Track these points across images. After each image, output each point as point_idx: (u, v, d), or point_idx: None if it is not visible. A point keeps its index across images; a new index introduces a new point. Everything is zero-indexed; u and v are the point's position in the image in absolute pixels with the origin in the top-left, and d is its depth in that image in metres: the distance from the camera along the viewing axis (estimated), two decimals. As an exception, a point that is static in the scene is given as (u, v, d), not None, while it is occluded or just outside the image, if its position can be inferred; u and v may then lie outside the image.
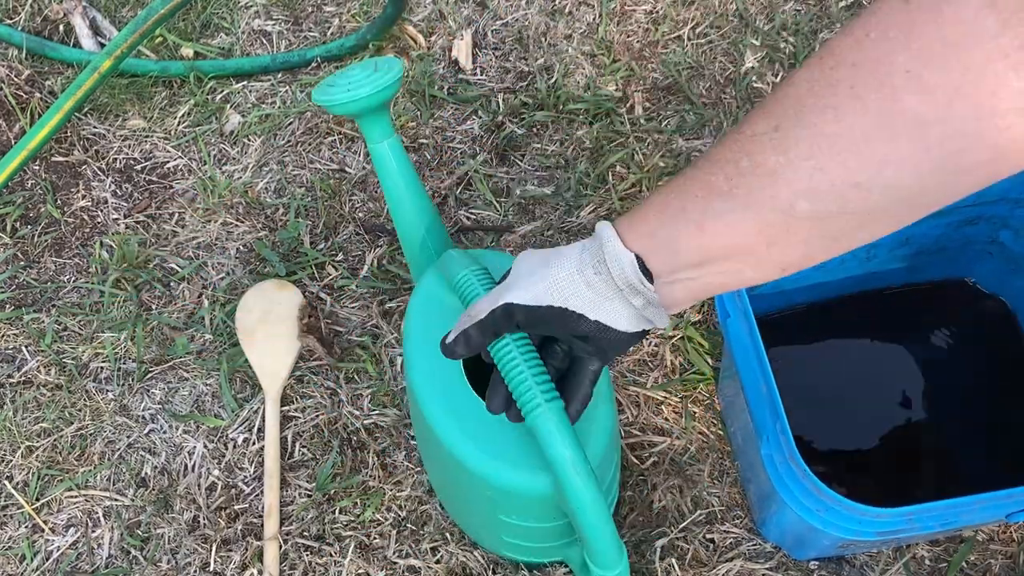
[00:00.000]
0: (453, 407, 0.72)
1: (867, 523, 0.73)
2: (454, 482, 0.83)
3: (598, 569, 0.70)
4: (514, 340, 0.63)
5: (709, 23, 1.30)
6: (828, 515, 0.73)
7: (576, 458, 0.63)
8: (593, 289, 0.56)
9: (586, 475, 0.64)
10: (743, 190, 0.49)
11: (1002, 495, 0.71)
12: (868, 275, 0.98)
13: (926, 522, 0.72)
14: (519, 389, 0.63)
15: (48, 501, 1.01)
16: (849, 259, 0.94)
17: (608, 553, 0.68)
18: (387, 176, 0.76)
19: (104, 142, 1.27)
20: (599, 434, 0.72)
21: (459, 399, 0.72)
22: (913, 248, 0.95)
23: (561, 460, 0.63)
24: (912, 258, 0.97)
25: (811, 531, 0.79)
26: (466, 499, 0.84)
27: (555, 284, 0.58)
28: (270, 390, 1.04)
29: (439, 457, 0.79)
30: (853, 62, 0.44)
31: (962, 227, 0.92)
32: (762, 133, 0.47)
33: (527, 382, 0.62)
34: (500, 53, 1.30)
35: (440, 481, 0.91)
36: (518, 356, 0.63)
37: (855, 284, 1.00)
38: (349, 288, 1.12)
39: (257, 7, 1.39)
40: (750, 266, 0.53)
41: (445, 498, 0.94)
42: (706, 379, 1.01)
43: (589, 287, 0.56)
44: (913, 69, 0.42)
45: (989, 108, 0.41)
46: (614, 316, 0.57)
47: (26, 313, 1.13)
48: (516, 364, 0.62)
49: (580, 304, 0.57)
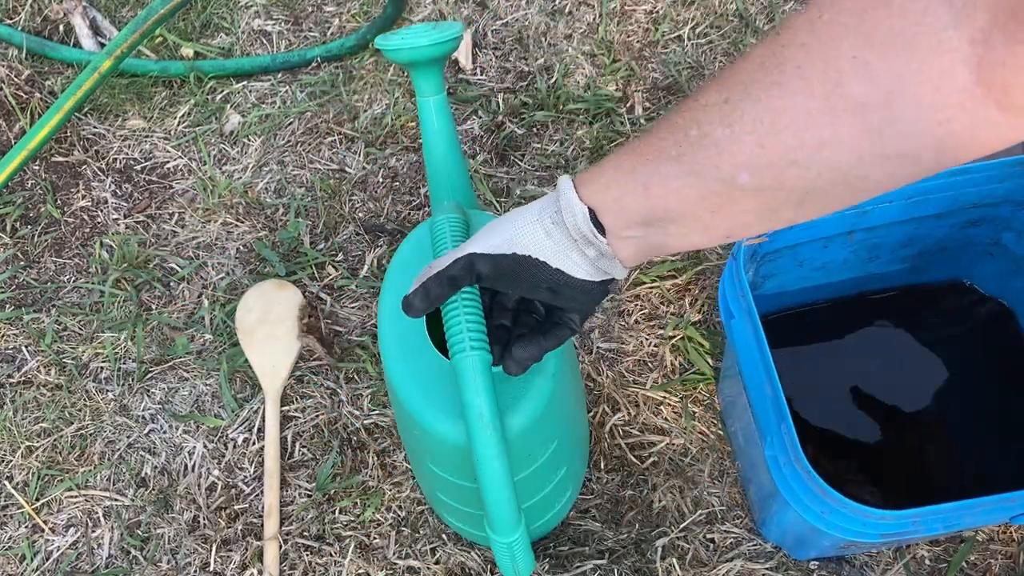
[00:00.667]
0: (407, 345, 0.73)
1: (871, 525, 0.73)
2: (401, 425, 0.84)
3: (492, 533, 0.69)
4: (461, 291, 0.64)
5: (709, 23, 1.30)
6: (832, 517, 0.73)
7: (485, 409, 0.63)
8: (552, 239, 0.58)
9: (491, 428, 0.63)
10: (689, 158, 0.50)
11: (1006, 498, 0.71)
12: (870, 276, 0.98)
13: (930, 524, 0.72)
14: (450, 332, 0.63)
15: (48, 501, 1.01)
16: (852, 259, 0.94)
17: (500, 516, 0.67)
18: (429, 132, 0.78)
19: (104, 142, 1.27)
20: (531, 403, 0.72)
21: (415, 339, 0.73)
22: (915, 249, 0.95)
23: (470, 407, 0.63)
24: (914, 259, 0.97)
25: (813, 532, 0.79)
26: (409, 446, 0.86)
27: (517, 233, 0.58)
28: (270, 390, 1.04)
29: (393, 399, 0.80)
30: (803, 42, 0.44)
31: (965, 228, 0.93)
32: (713, 104, 0.48)
33: (459, 326, 0.63)
34: (500, 53, 1.30)
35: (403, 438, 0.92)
36: (459, 303, 0.63)
37: (857, 285, 1.00)
38: (349, 288, 1.12)
39: (257, 7, 1.39)
40: (696, 231, 0.54)
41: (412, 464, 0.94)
42: (706, 379, 1.01)
43: (548, 236, 0.58)
44: (860, 55, 0.42)
45: (931, 101, 0.41)
46: (572, 265, 0.58)
47: (26, 313, 1.13)
48: (455, 310, 0.63)
49: (541, 252, 0.58)
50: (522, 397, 0.71)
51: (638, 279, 1.07)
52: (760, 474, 0.85)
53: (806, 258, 0.93)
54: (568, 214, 0.56)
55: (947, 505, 0.71)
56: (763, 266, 0.91)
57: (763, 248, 0.87)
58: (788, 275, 0.95)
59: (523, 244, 0.58)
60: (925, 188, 0.85)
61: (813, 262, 0.94)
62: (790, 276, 0.95)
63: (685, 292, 1.07)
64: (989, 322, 1.02)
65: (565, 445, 0.82)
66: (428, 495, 0.91)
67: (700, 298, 1.06)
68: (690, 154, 0.49)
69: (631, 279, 1.07)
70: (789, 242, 0.88)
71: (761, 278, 0.94)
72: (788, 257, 0.91)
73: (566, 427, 0.82)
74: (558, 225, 0.57)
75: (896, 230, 0.91)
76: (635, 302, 1.06)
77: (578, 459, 0.90)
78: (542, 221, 0.58)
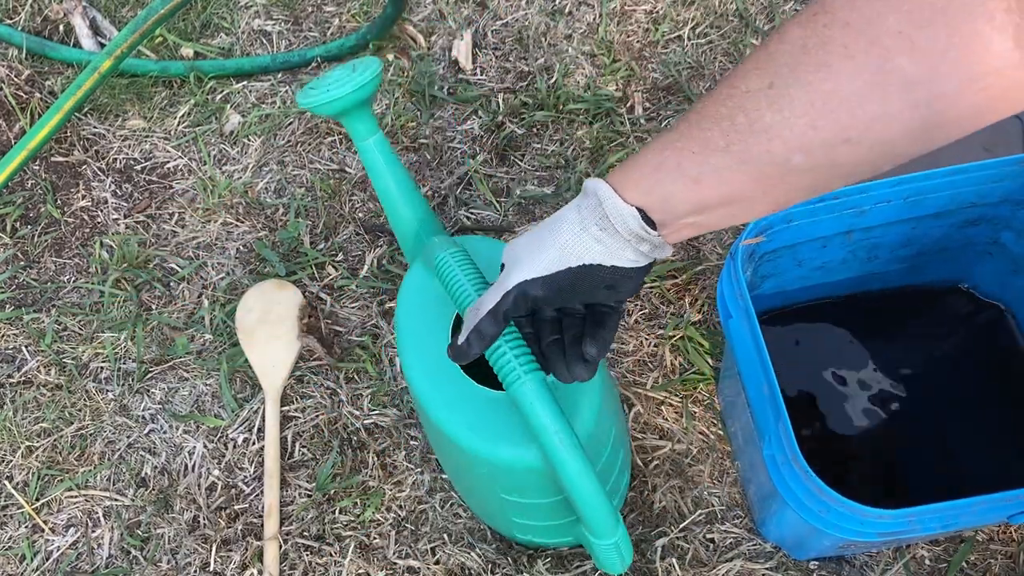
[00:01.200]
0: (445, 390, 0.73)
1: (869, 524, 0.73)
2: (456, 465, 0.84)
3: (593, 538, 0.70)
4: None
5: (709, 23, 1.30)
6: (830, 516, 0.73)
7: (559, 426, 0.64)
8: (602, 243, 0.58)
9: (570, 443, 0.64)
10: (739, 147, 0.50)
11: (1003, 497, 0.71)
12: (869, 275, 0.98)
13: (927, 523, 0.72)
14: (499, 362, 0.63)
15: (48, 501, 1.01)
16: (850, 259, 0.94)
17: (601, 521, 0.68)
18: (376, 172, 0.78)
19: (104, 142, 1.27)
20: (590, 404, 0.73)
21: (450, 381, 0.73)
22: (914, 249, 0.95)
23: (543, 429, 0.64)
24: (913, 259, 0.97)
25: (812, 532, 0.79)
26: (471, 483, 0.86)
27: (565, 247, 0.58)
28: (270, 390, 1.04)
29: (440, 441, 0.80)
30: (846, 21, 0.45)
31: (964, 228, 0.92)
32: (756, 89, 0.48)
33: (506, 355, 0.63)
34: (500, 53, 1.30)
35: (449, 468, 0.93)
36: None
37: (856, 284, 1.00)
38: (349, 288, 1.12)
39: (257, 7, 1.39)
40: (744, 210, 0.55)
41: (460, 488, 0.95)
42: (706, 379, 1.01)
43: (598, 242, 0.58)
44: (904, 30, 0.43)
45: (972, 70, 0.42)
46: (626, 260, 0.59)
47: (26, 313, 1.13)
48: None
49: (595, 256, 0.58)
50: (580, 401, 0.73)
51: (638, 279, 1.07)
52: (759, 474, 0.85)
53: (805, 258, 0.92)
54: (618, 220, 0.56)
55: (944, 504, 0.71)
56: (762, 266, 0.90)
57: (761, 248, 0.87)
58: (787, 275, 0.95)
59: (575, 255, 0.58)
60: (923, 188, 0.85)
61: (812, 262, 0.94)
62: (789, 276, 0.95)
63: (685, 292, 1.07)
64: (987, 325, 1.02)
65: (620, 427, 0.84)
66: (494, 520, 0.92)
67: (700, 298, 1.06)
68: (740, 143, 0.50)
69: (631, 279, 1.07)
70: (788, 242, 0.88)
71: (760, 278, 0.93)
72: (787, 257, 0.91)
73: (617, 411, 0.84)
74: (607, 231, 0.57)
75: (894, 230, 0.90)
76: (635, 302, 1.06)
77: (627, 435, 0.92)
78: (587, 230, 0.58)
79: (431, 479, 0.98)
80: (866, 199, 0.85)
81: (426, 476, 0.98)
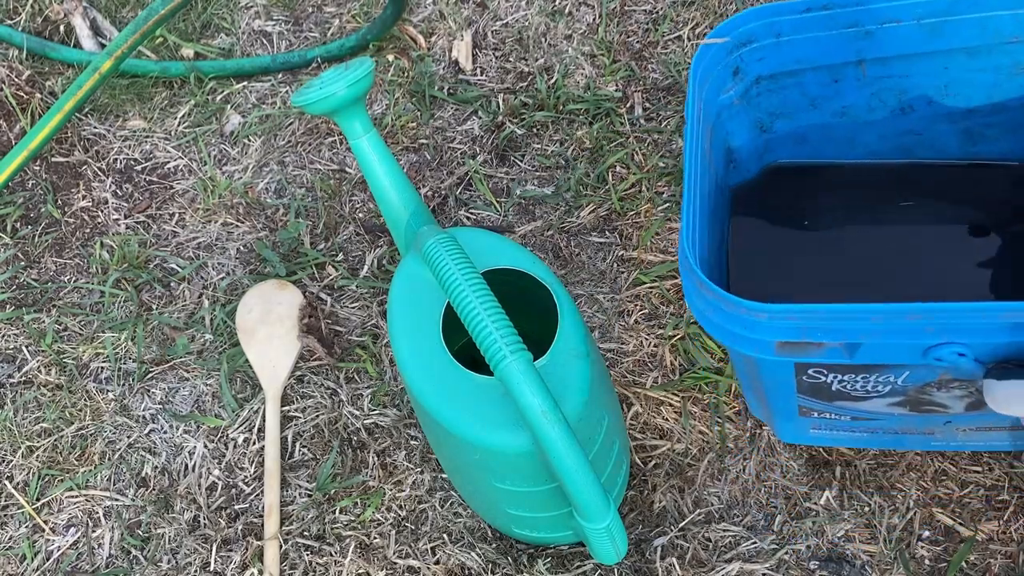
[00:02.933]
0: (436, 376, 0.74)
1: (758, 328, 0.62)
2: (450, 454, 0.84)
3: (584, 523, 0.70)
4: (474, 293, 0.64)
5: (709, 23, 1.30)
6: (720, 319, 0.65)
7: (546, 406, 0.63)
8: None
9: (559, 423, 0.64)
10: None
11: (914, 310, 0.56)
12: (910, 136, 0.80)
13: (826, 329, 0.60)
14: (484, 343, 0.63)
15: (48, 501, 1.01)
16: (878, 106, 0.77)
17: (591, 503, 0.68)
18: (370, 170, 0.80)
19: (104, 142, 1.27)
20: (578, 387, 0.73)
21: (441, 368, 0.73)
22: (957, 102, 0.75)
23: (531, 409, 0.63)
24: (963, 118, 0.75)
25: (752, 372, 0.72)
26: (466, 473, 0.86)
27: None
28: (270, 390, 1.04)
29: (433, 429, 0.81)
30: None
31: (1017, 76, 0.71)
32: None
33: (492, 335, 0.63)
34: (500, 53, 1.30)
35: (445, 460, 0.93)
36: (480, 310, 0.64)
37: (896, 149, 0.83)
38: (349, 288, 1.12)
39: (257, 7, 1.39)
40: None
41: (457, 482, 0.95)
42: (706, 378, 1.01)
43: None
44: None
45: None
46: None
47: (26, 313, 1.13)
48: (479, 319, 0.64)
49: None
50: (568, 384, 0.72)
51: (638, 279, 1.07)
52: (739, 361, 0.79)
53: (817, 95, 0.79)
54: None
55: (840, 306, 0.59)
56: (763, 97, 0.79)
57: (754, 69, 0.74)
58: (801, 116, 0.82)
59: None
60: (938, 7, 0.67)
61: (829, 104, 0.79)
62: (804, 118, 0.82)
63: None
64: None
65: (614, 419, 0.83)
66: (491, 515, 0.92)
67: (700, 298, 1.06)
68: None
69: (631, 279, 1.08)
70: (786, 67, 0.75)
71: (768, 115, 0.82)
72: (793, 90, 0.78)
73: (611, 402, 0.84)
74: None
75: (920, 67, 0.73)
76: (635, 302, 1.07)
77: (624, 431, 0.92)
78: None
79: (431, 479, 0.98)
80: (865, 14, 0.70)
81: (426, 476, 0.98)
